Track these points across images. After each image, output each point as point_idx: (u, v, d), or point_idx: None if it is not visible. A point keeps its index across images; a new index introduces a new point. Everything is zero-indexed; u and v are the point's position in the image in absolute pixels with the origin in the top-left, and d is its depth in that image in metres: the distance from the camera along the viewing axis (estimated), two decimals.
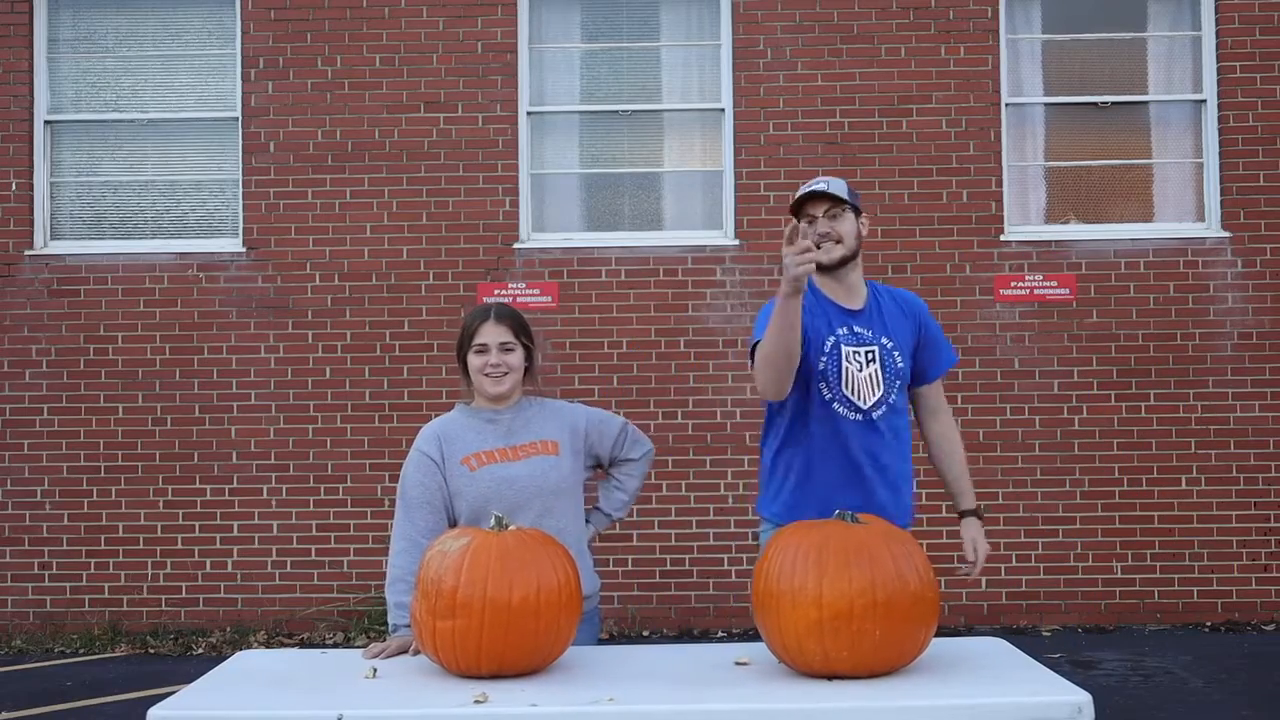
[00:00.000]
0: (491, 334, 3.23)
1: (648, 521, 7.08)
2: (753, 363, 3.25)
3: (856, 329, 3.34)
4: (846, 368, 3.30)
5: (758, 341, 3.21)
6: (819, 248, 3.26)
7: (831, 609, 2.53)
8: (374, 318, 7.23)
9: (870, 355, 3.32)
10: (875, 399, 3.32)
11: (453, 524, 3.20)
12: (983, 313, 7.17)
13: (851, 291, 3.38)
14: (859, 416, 3.31)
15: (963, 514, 3.58)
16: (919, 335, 3.45)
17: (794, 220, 3.20)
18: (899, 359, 3.37)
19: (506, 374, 3.23)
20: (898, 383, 3.37)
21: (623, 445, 3.40)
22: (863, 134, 7.22)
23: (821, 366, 3.30)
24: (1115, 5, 7.41)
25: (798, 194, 3.33)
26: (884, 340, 3.36)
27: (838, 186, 3.31)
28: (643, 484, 3.49)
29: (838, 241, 3.29)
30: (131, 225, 7.47)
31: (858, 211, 3.35)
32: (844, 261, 3.32)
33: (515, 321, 3.27)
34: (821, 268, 3.28)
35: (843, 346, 3.31)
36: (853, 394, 3.30)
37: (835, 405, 3.30)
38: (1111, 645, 6.66)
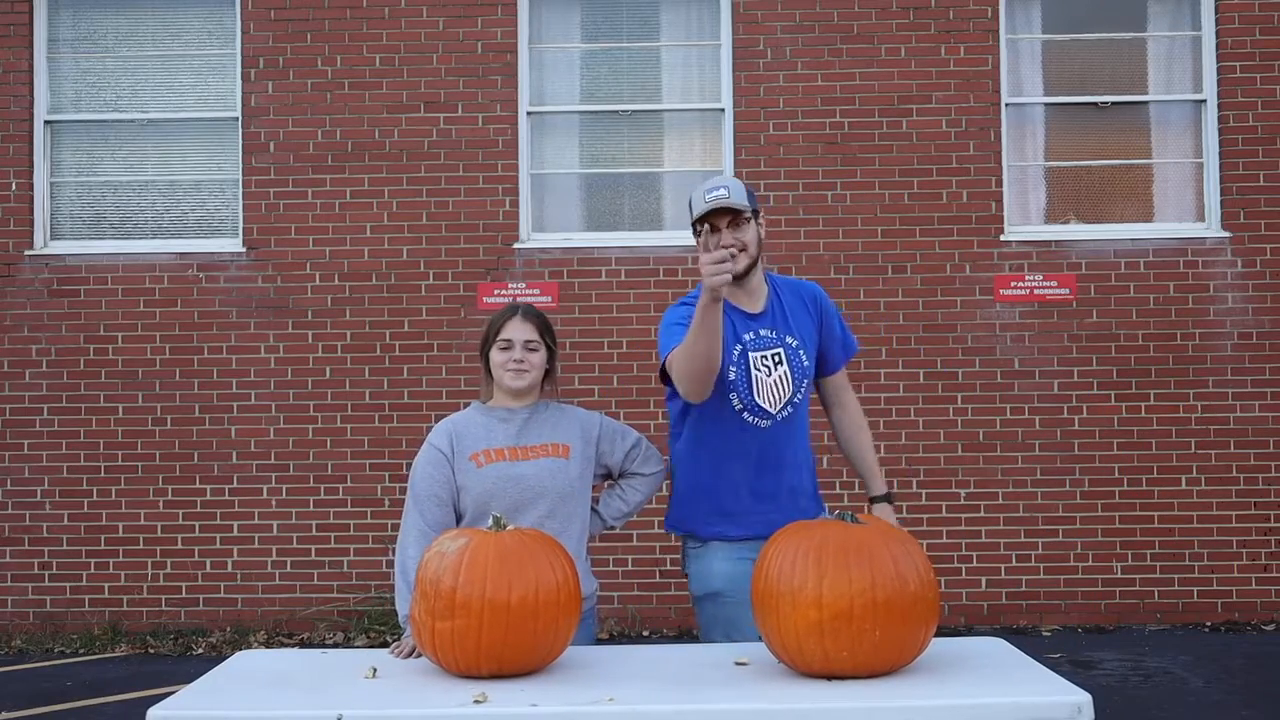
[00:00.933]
0: (517, 330, 3.25)
1: (648, 521, 7.05)
2: (666, 378, 3.24)
3: (761, 332, 3.33)
4: (755, 375, 3.29)
5: (670, 353, 3.17)
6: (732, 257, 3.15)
7: (831, 609, 2.53)
8: (374, 318, 7.24)
9: (777, 357, 3.31)
10: (784, 401, 3.31)
11: (459, 518, 3.22)
12: (983, 313, 7.17)
13: (753, 295, 3.36)
14: (767, 423, 3.30)
15: (873, 500, 3.53)
16: (820, 326, 3.42)
17: (706, 228, 3.17)
18: (805, 357, 3.36)
19: (527, 371, 3.25)
20: (805, 381, 3.36)
21: (635, 459, 3.41)
22: (863, 134, 7.22)
23: (732, 376, 3.27)
24: (1115, 5, 7.41)
25: (700, 208, 3.24)
26: (788, 340, 3.34)
27: (738, 194, 3.22)
28: (647, 500, 3.49)
29: (742, 249, 3.23)
30: (131, 225, 7.48)
31: (757, 214, 3.31)
32: (749, 270, 3.29)
33: (541, 322, 3.31)
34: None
35: (750, 354, 3.29)
36: (763, 400, 3.29)
37: (745, 414, 3.29)
38: (1111, 645, 6.66)
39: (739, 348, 3.28)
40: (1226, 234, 7.19)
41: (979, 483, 7.12)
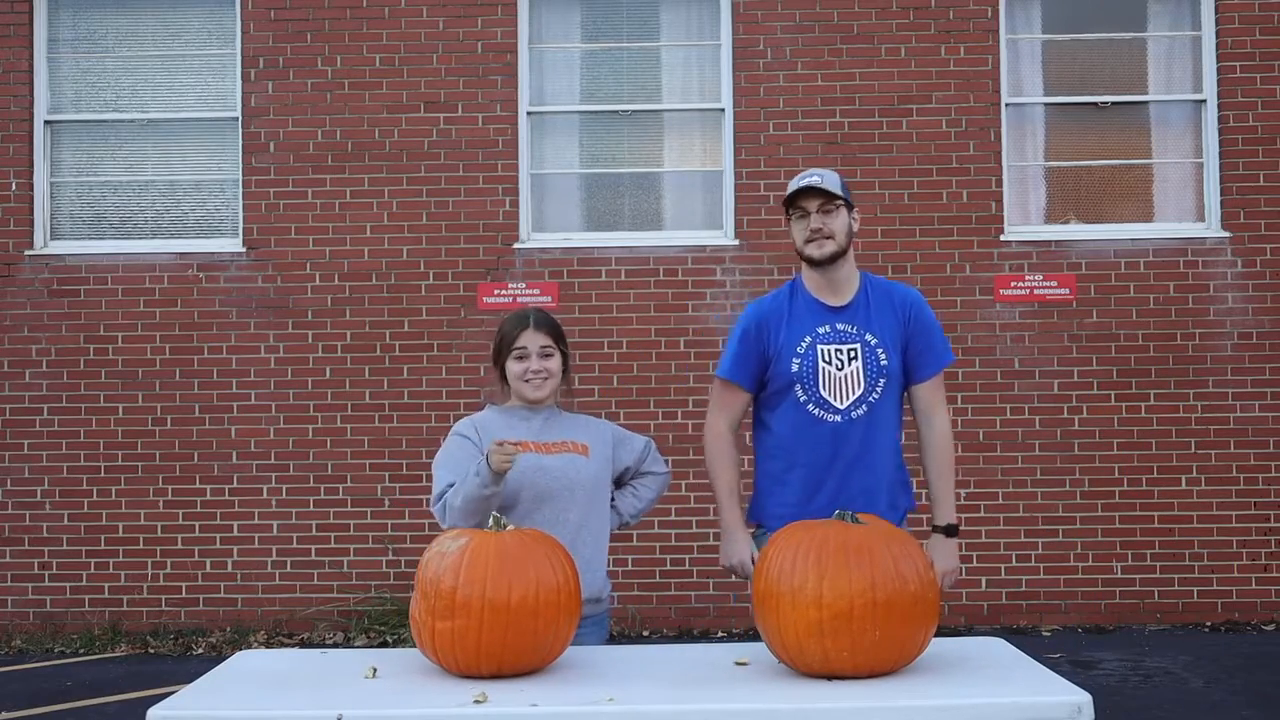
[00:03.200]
0: (532, 340, 3.28)
1: (648, 521, 7.07)
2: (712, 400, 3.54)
3: (839, 326, 3.34)
4: (823, 368, 3.30)
5: (716, 376, 3.47)
6: (810, 242, 3.31)
7: (831, 609, 2.53)
8: (374, 318, 7.23)
9: (852, 353, 3.32)
10: (855, 398, 3.30)
11: None
12: (983, 313, 7.17)
13: (839, 288, 3.37)
14: (836, 417, 3.31)
15: (934, 529, 3.47)
16: (906, 331, 3.39)
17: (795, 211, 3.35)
18: (883, 356, 3.34)
19: (546, 379, 3.29)
20: (882, 380, 3.33)
21: (645, 459, 3.47)
22: (863, 134, 7.22)
23: (796, 369, 3.31)
24: (1115, 5, 7.40)
25: (791, 187, 3.36)
26: (867, 337, 3.34)
27: (831, 181, 3.31)
28: (658, 497, 3.55)
29: (829, 237, 3.30)
30: (131, 225, 7.47)
31: (850, 207, 3.35)
32: (834, 258, 3.32)
33: (553, 328, 3.34)
34: (813, 263, 3.33)
35: (819, 346, 3.32)
36: (829, 394, 3.30)
37: (810, 407, 3.31)
38: (1111, 645, 6.66)
39: (807, 340, 3.32)
40: (1226, 234, 7.19)
41: (979, 483, 7.12)
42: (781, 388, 3.34)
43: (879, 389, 3.33)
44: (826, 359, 3.30)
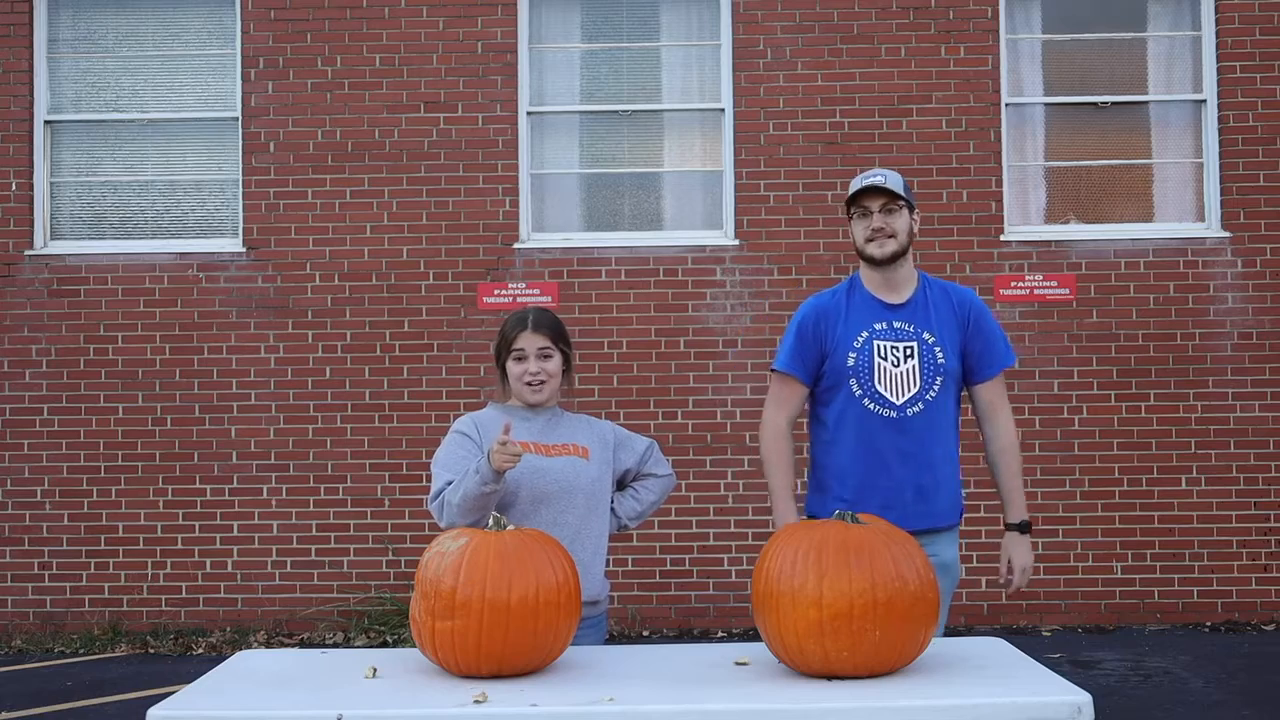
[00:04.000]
0: (530, 342, 3.27)
1: (648, 521, 7.04)
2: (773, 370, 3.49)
3: (896, 324, 3.35)
4: (879, 363, 3.32)
5: (774, 370, 3.45)
6: (871, 241, 3.33)
7: (831, 609, 2.53)
8: (374, 318, 7.23)
9: (909, 350, 3.33)
10: (910, 395, 3.32)
11: None
12: None
13: (897, 286, 3.39)
14: (892, 413, 3.31)
15: (1007, 526, 3.50)
16: (966, 331, 3.40)
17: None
18: (940, 355, 3.35)
19: (545, 382, 3.28)
20: (939, 379, 3.34)
21: (647, 461, 3.46)
22: (863, 134, 7.22)
23: (852, 363, 3.33)
24: (1115, 5, 7.40)
25: (855, 185, 3.37)
26: (925, 335, 3.35)
27: (894, 181, 3.33)
28: (659, 502, 3.54)
29: (891, 236, 3.32)
30: (131, 225, 7.47)
31: (911, 208, 3.37)
32: (895, 257, 3.34)
33: (553, 329, 3.32)
34: (874, 262, 3.35)
35: (875, 342, 3.33)
36: (885, 390, 3.31)
37: (866, 401, 3.32)
38: (1111, 645, 6.66)
39: (864, 334, 3.34)
40: (1226, 234, 7.19)
41: (978, 483, 7.09)
42: (837, 382, 3.35)
43: (936, 387, 3.34)
44: (883, 355, 3.32)
